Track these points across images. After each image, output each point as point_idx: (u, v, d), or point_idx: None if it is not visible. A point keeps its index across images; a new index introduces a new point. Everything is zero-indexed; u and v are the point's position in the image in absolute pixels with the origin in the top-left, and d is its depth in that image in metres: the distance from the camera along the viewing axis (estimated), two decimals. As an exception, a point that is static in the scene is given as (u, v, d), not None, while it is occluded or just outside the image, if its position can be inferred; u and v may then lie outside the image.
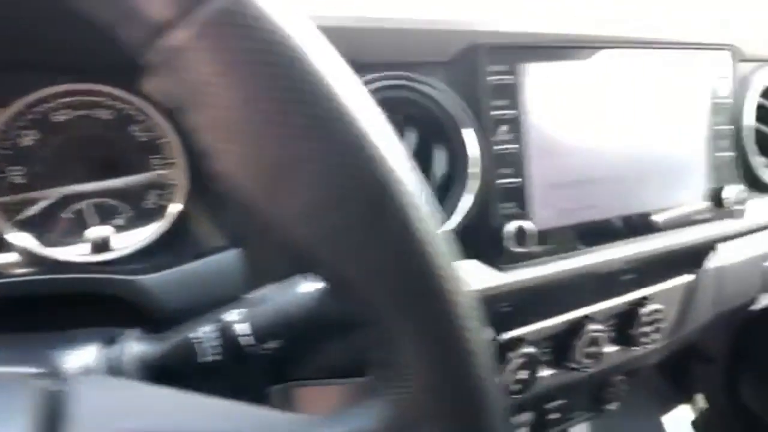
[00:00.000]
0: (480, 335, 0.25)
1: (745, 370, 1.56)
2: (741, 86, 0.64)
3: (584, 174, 0.54)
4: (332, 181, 0.21)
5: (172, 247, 0.41)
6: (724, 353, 1.57)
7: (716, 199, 0.62)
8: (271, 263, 0.38)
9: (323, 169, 0.21)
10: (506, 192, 0.49)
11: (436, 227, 0.23)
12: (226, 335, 0.35)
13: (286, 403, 0.44)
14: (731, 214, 0.63)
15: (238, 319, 0.35)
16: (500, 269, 0.49)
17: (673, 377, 1.63)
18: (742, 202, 0.62)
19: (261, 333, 0.36)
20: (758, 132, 0.65)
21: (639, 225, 0.57)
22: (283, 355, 0.36)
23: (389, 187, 0.22)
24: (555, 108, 0.52)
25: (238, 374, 0.36)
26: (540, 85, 0.51)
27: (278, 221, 0.22)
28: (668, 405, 1.60)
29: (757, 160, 0.64)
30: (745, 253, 0.85)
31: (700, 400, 1.62)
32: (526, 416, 0.71)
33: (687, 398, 1.62)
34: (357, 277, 0.23)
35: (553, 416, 0.73)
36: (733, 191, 0.62)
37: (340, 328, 0.36)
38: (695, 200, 0.61)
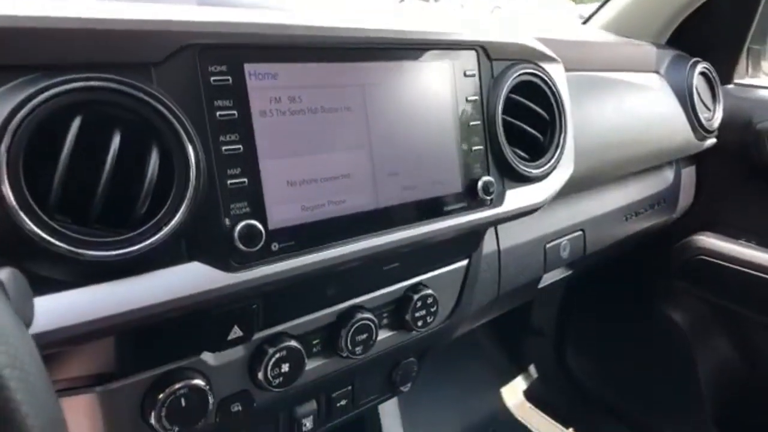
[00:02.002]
0: None
1: (571, 342, 1.72)
2: (494, 83, 0.70)
3: (329, 171, 0.56)
4: None
5: None
6: (551, 327, 1.72)
7: (471, 190, 0.67)
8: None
9: None
10: (236, 192, 0.49)
11: None
12: None
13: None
14: (486, 204, 0.68)
15: None
16: (230, 270, 0.49)
17: (508, 351, 1.76)
18: (493, 192, 0.68)
19: None
20: (511, 126, 0.71)
21: (394, 217, 0.60)
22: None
23: None
24: (286, 107, 0.53)
25: None
26: (268, 86, 0.51)
27: None
28: (505, 377, 1.72)
29: (509, 153, 0.70)
30: (525, 235, 0.94)
31: (533, 371, 1.77)
32: (310, 406, 0.72)
33: (521, 370, 1.75)
34: None
35: (341, 403, 0.76)
36: (485, 183, 0.67)
37: None
38: (452, 192, 0.66)
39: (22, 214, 0.40)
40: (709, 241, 1.31)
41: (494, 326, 1.76)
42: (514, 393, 1.72)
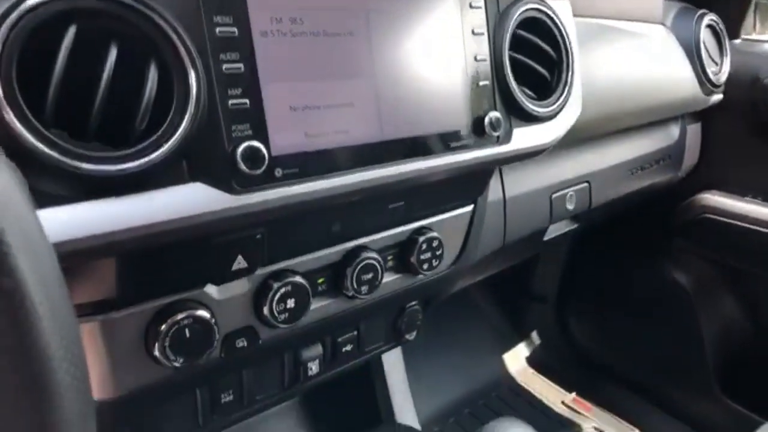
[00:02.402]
0: None
1: (573, 308, 1.72)
2: (501, 18, 0.68)
3: (332, 98, 0.54)
4: None
5: None
6: (553, 293, 1.71)
7: (478, 126, 0.65)
8: None
9: None
10: (237, 114, 0.48)
11: None
12: None
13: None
14: (493, 141, 0.67)
15: None
16: (233, 192, 0.47)
17: (510, 317, 1.76)
18: (500, 128, 0.66)
19: None
20: (518, 63, 0.69)
21: (398, 150, 0.59)
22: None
23: None
24: (288, 28, 0.51)
25: None
26: (269, 4, 0.50)
27: None
28: (507, 343, 1.72)
29: (517, 90, 0.68)
30: (531, 184, 0.92)
31: (535, 337, 1.77)
32: (315, 350, 0.71)
33: (523, 336, 1.75)
34: None
35: (346, 348, 0.75)
36: (492, 118, 0.65)
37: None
38: (458, 128, 0.64)
39: (18, 124, 0.38)
40: (714, 198, 1.30)
41: (496, 292, 1.76)
42: (516, 359, 1.72)
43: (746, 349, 1.41)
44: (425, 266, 0.72)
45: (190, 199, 0.46)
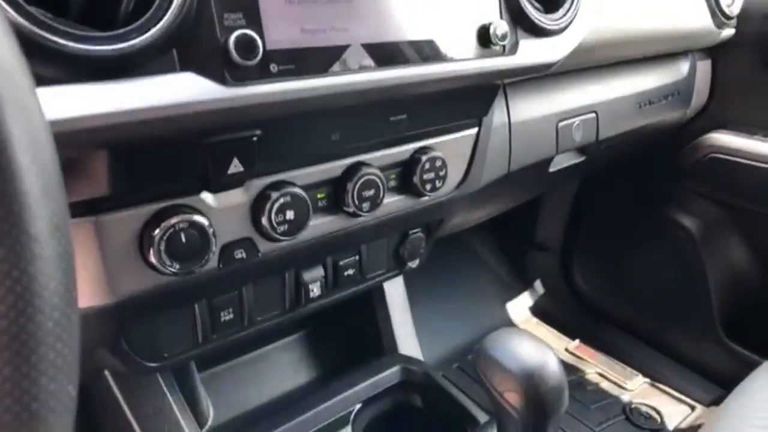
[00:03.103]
0: None
1: (576, 256, 1.71)
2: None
3: (331, -8, 0.51)
4: None
5: None
6: (556, 242, 1.70)
7: (484, 35, 0.63)
8: None
9: None
10: (229, 2, 0.45)
11: None
12: None
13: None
14: (499, 52, 0.64)
15: None
16: (226, 84, 0.45)
17: (514, 266, 1.75)
18: (506, 39, 0.63)
19: None
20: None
21: (399, 54, 0.56)
22: None
23: None
24: None
25: None
26: None
27: None
28: (511, 293, 1.71)
29: (526, 2, 0.66)
30: (537, 110, 0.89)
31: (539, 286, 1.76)
32: (317, 272, 0.70)
33: (526, 286, 1.75)
34: None
35: (348, 272, 0.73)
36: (498, 28, 0.62)
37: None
38: (463, 36, 0.61)
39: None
40: (723, 138, 1.27)
41: (499, 242, 1.75)
42: (519, 308, 1.71)
43: (751, 292, 1.40)
44: (428, 187, 0.70)
45: (181, 89, 0.44)
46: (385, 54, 0.55)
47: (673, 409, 1.36)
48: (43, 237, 0.23)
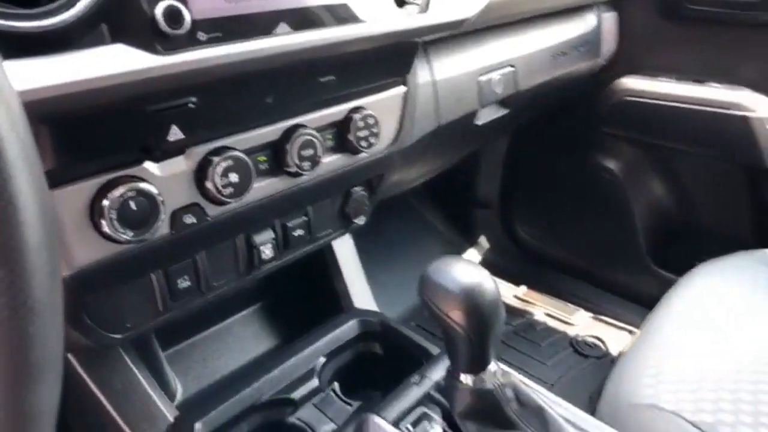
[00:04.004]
0: None
1: (515, 209, 1.80)
2: None
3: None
4: None
5: None
6: (496, 197, 1.79)
7: (399, -4, 0.67)
8: None
9: None
10: None
11: None
12: None
13: None
14: (413, 11, 0.69)
15: None
16: (157, 53, 0.48)
17: (458, 225, 1.83)
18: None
19: None
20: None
21: (319, 17, 0.60)
22: None
23: None
24: None
25: None
26: None
27: None
28: (457, 250, 1.79)
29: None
30: (458, 69, 0.95)
31: (483, 241, 1.85)
32: (268, 234, 0.74)
33: (472, 242, 1.83)
34: None
35: (297, 233, 0.77)
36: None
37: None
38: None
39: None
40: (632, 81, 1.37)
41: (443, 202, 1.82)
42: (468, 264, 1.80)
43: (671, 220, 1.53)
44: (363, 144, 0.74)
45: (114, 60, 0.46)
46: (305, 18, 0.59)
47: (614, 335, 1.48)
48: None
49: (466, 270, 0.59)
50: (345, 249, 0.98)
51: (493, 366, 0.61)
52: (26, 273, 0.27)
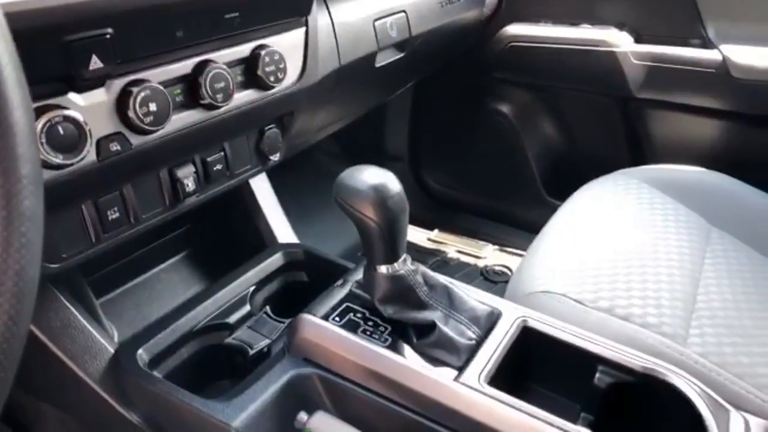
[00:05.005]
0: None
1: (423, 159, 1.92)
2: None
3: None
4: None
5: None
6: (404, 149, 1.90)
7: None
8: None
9: None
10: None
11: None
12: None
13: None
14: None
15: None
16: None
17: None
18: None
19: None
20: None
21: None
22: None
23: None
24: None
25: None
26: None
27: None
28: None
29: None
30: (356, 13, 1.03)
31: (397, 192, 1.95)
32: (189, 168, 0.79)
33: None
34: None
35: (217, 167, 0.83)
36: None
37: None
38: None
39: None
40: (516, 28, 1.51)
41: (354, 158, 1.90)
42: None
43: (560, 155, 1.70)
44: (272, 78, 0.81)
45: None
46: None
47: (518, 262, 1.64)
48: None
49: (373, 172, 0.68)
50: (263, 190, 1.04)
51: (403, 256, 0.71)
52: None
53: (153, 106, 0.65)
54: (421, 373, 0.64)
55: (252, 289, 0.90)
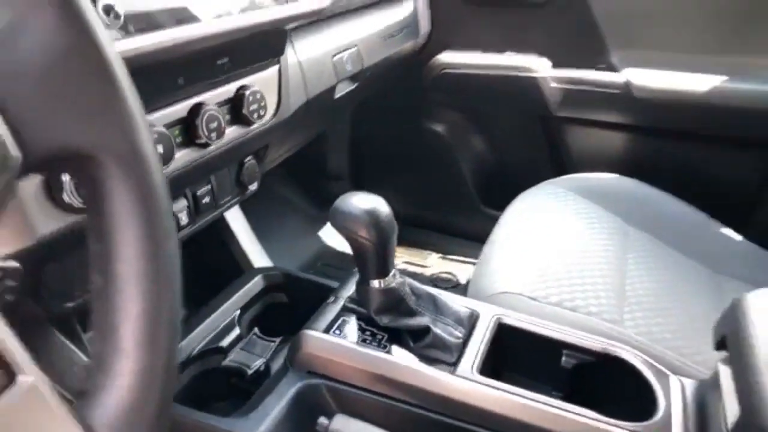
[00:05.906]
0: None
1: (365, 178, 2.02)
2: None
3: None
4: None
5: None
6: (346, 170, 1.99)
7: (271, -9, 0.82)
8: None
9: None
10: None
11: None
12: None
13: None
14: (282, 2, 0.84)
15: None
16: None
17: (316, 200, 2.00)
18: (289, -9, 0.83)
19: None
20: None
21: (208, 13, 0.72)
22: None
23: None
24: None
25: None
26: None
27: None
28: (320, 224, 1.96)
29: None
30: (317, 49, 1.12)
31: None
32: (182, 203, 0.84)
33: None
34: None
35: (205, 200, 0.88)
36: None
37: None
38: (257, -7, 0.79)
39: None
40: (448, 56, 1.66)
41: (299, 178, 1.98)
42: (330, 234, 1.98)
43: (491, 167, 1.86)
44: (255, 116, 0.88)
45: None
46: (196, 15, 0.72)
47: (461, 268, 1.78)
48: None
49: (363, 197, 0.77)
50: (236, 218, 1.10)
51: (393, 270, 0.80)
52: None
53: (160, 148, 0.71)
54: (422, 371, 0.73)
55: (238, 312, 0.96)
